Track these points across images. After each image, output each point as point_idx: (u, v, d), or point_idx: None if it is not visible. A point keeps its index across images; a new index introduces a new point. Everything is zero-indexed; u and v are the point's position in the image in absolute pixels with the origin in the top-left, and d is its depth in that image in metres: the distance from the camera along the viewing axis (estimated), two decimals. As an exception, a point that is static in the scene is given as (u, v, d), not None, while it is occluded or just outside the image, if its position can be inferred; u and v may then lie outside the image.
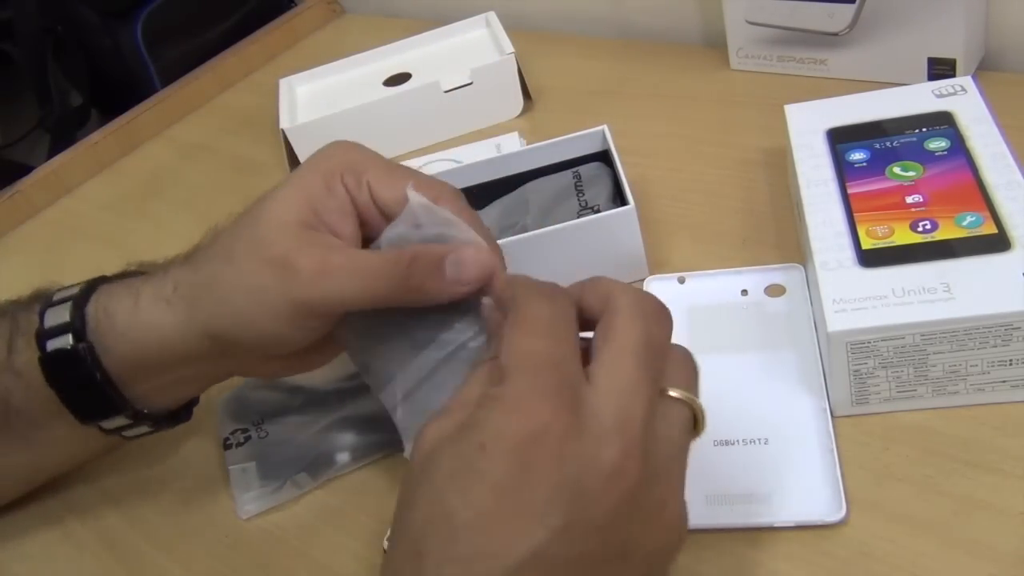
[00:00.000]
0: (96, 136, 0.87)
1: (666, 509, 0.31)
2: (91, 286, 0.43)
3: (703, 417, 0.32)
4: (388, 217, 0.40)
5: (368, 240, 0.41)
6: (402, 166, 0.42)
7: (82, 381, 0.41)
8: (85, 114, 1.01)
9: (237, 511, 0.47)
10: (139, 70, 0.97)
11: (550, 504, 0.28)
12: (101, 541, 0.48)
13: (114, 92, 0.98)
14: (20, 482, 0.49)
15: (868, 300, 0.41)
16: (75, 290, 0.43)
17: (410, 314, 0.38)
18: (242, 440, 0.50)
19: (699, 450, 0.42)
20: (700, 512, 0.40)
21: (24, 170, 0.85)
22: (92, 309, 0.42)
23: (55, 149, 0.89)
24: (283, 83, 0.80)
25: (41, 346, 0.41)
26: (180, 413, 0.47)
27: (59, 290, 0.44)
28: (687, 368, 0.33)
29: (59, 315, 0.42)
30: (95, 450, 0.48)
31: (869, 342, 0.40)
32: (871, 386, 0.42)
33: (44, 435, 0.45)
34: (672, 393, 0.32)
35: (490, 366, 0.32)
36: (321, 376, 0.52)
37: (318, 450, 0.48)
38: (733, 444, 0.43)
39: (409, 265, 0.37)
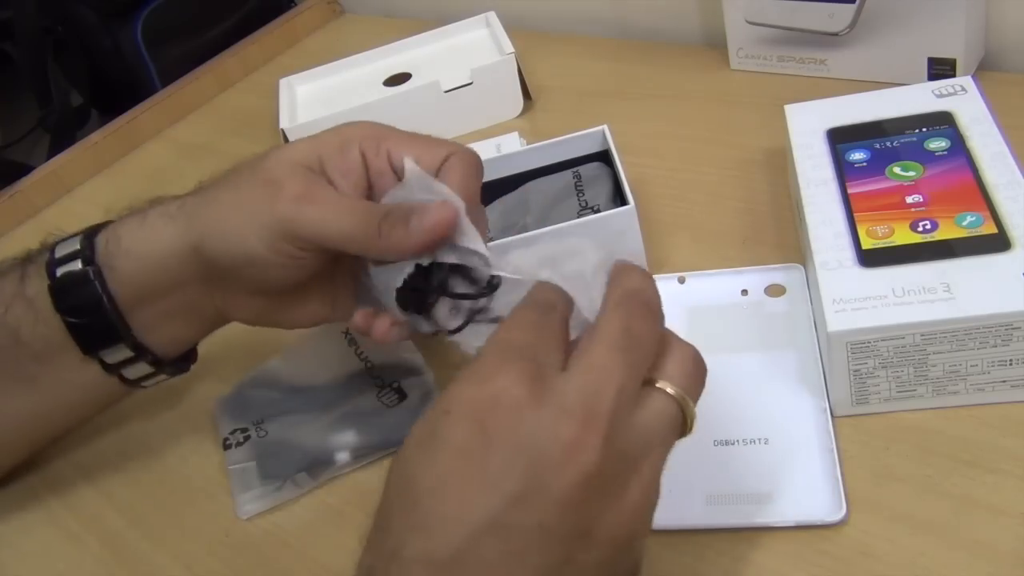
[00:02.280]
0: (96, 136, 0.87)
1: (628, 493, 0.30)
2: (103, 223, 0.46)
3: (692, 417, 0.32)
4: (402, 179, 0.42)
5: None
6: (421, 134, 0.44)
7: (86, 305, 0.43)
8: (85, 114, 1.01)
9: (237, 511, 0.47)
10: (139, 70, 0.97)
11: (506, 470, 0.28)
12: (101, 540, 0.48)
13: (114, 92, 0.98)
14: (22, 434, 0.49)
15: (868, 300, 0.41)
16: (87, 227, 0.46)
17: None
18: (242, 440, 0.50)
19: (699, 450, 0.43)
20: (700, 512, 0.40)
21: (24, 170, 0.85)
22: (101, 237, 0.44)
23: (55, 149, 0.90)
24: (283, 83, 0.80)
25: (51, 273, 0.44)
26: (180, 362, 0.48)
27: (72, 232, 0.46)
28: (688, 366, 0.33)
29: (70, 245, 0.44)
30: (98, 399, 0.48)
31: (869, 342, 0.40)
32: (871, 386, 0.42)
33: (50, 373, 0.45)
34: (660, 385, 0.32)
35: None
36: (321, 376, 0.52)
37: (318, 450, 0.48)
38: (733, 444, 0.43)
39: (384, 216, 0.39)
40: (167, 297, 0.44)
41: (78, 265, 0.43)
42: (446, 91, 0.72)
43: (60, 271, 0.43)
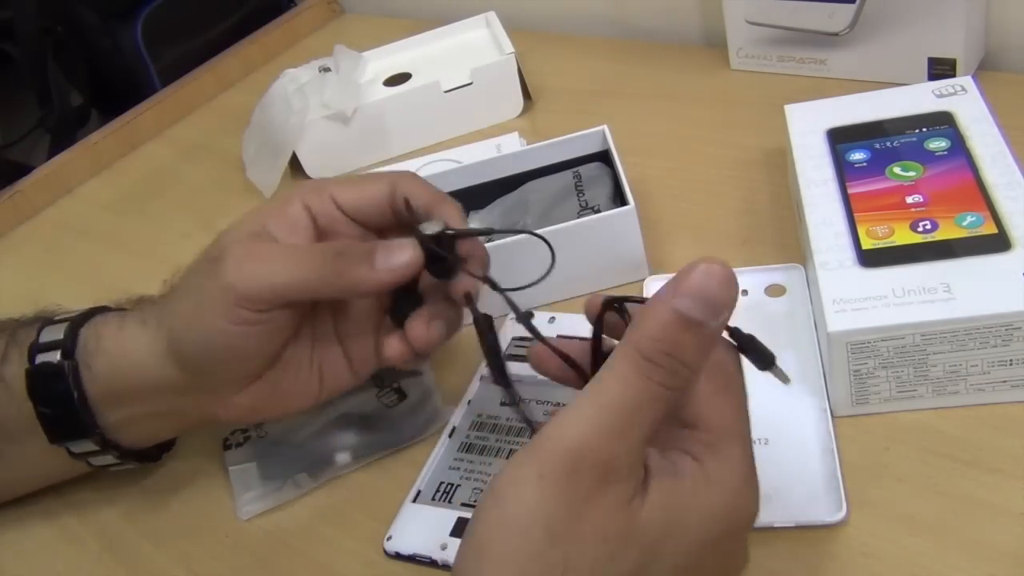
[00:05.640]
0: (96, 136, 0.87)
1: None
2: (91, 312, 0.45)
3: None
4: (353, 218, 0.43)
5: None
6: (363, 175, 0.44)
7: (58, 398, 0.42)
8: (85, 114, 1.01)
9: (237, 511, 0.47)
10: (139, 70, 0.97)
11: None
12: (101, 541, 0.48)
13: (114, 92, 0.98)
14: None
15: (868, 300, 0.41)
16: (75, 313, 0.45)
17: None
18: (242, 440, 0.50)
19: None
20: (700, 512, 0.40)
21: (24, 170, 0.85)
22: (85, 331, 0.44)
23: (55, 149, 0.89)
24: (283, 83, 0.80)
25: (31, 359, 0.43)
26: (150, 452, 0.48)
27: (63, 312, 0.46)
28: None
29: (55, 332, 0.44)
30: (66, 474, 0.49)
31: (869, 342, 0.40)
32: (871, 386, 0.42)
33: (18, 451, 0.45)
34: None
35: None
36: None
37: (318, 450, 0.48)
38: (733, 444, 0.42)
39: (337, 254, 0.39)
40: (145, 401, 0.43)
41: (56, 357, 0.42)
42: (446, 91, 0.72)
43: (39, 359, 0.43)
